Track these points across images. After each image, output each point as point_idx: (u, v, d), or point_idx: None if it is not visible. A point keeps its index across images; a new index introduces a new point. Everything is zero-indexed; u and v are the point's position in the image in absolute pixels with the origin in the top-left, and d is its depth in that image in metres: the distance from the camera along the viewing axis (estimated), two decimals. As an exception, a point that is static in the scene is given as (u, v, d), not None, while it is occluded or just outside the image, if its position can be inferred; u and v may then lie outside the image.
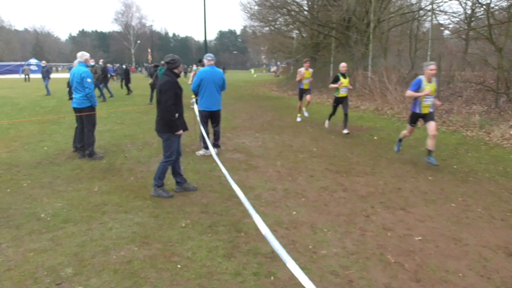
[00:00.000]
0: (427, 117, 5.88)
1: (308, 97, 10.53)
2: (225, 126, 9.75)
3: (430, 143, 5.79)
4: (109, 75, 18.60)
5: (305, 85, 10.40)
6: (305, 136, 8.64)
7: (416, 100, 5.88)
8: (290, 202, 4.45)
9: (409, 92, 5.80)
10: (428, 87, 5.69)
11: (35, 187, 4.90)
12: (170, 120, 4.43)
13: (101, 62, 18.77)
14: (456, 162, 6.31)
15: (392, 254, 3.26)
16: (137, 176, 5.46)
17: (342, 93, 8.47)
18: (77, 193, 4.69)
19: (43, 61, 22.17)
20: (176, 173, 4.80)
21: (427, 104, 5.81)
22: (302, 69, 10.31)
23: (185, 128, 4.67)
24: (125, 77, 20.15)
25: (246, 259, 3.15)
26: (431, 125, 5.78)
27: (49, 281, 2.79)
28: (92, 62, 15.86)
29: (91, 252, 3.23)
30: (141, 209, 4.21)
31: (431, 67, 5.67)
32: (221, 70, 6.86)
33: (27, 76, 32.08)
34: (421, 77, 5.77)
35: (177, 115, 4.49)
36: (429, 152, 5.84)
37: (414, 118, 6.05)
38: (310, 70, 10.42)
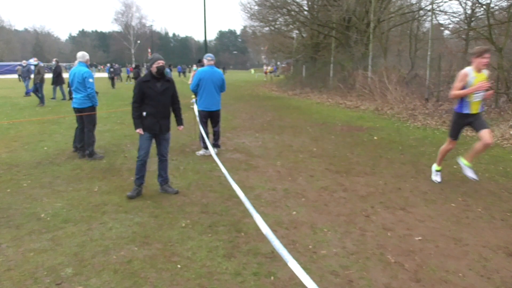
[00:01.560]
0: None
1: (485, 135, 4.69)
2: (225, 126, 9.74)
3: None
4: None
5: (474, 105, 4.76)
6: (305, 136, 8.64)
7: None
8: (290, 202, 4.45)
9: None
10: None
11: (35, 187, 4.90)
12: (132, 118, 4.56)
13: (54, 61, 17.11)
14: (456, 162, 6.30)
15: (392, 254, 3.26)
16: (137, 176, 5.46)
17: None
18: (77, 193, 4.69)
19: (24, 61, 20.92)
20: (158, 174, 4.82)
21: None
22: (469, 69, 4.72)
23: (151, 129, 4.55)
24: None
25: (246, 259, 3.15)
26: None
27: (49, 281, 2.79)
28: (35, 61, 15.15)
29: (91, 252, 3.23)
30: (141, 209, 4.21)
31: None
32: (220, 71, 6.85)
33: (20, 76, 31.98)
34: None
35: (144, 113, 4.50)
36: None
37: None
38: (485, 72, 4.77)
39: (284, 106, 15.27)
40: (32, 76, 17.74)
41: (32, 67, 16.66)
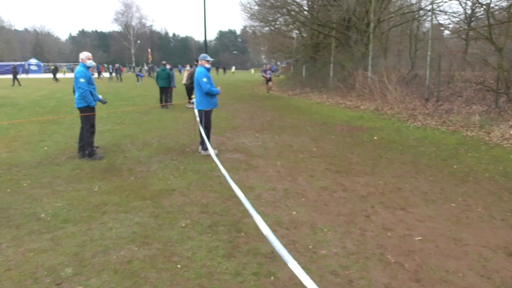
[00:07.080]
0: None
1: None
2: (225, 126, 9.75)
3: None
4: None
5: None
6: (305, 136, 8.64)
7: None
8: (290, 202, 4.45)
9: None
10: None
11: (35, 187, 4.90)
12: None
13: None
14: (456, 162, 6.31)
15: (392, 254, 3.26)
16: (137, 176, 5.46)
17: None
18: (77, 193, 4.69)
19: None
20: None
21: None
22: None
23: None
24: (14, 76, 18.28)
25: (246, 259, 3.15)
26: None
27: (49, 281, 2.79)
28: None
29: (91, 252, 3.23)
30: (141, 209, 4.21)
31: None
32: (201, 70, 6.55)
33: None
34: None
35: None
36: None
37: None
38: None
39: (284, 106, 15.27)
40: None
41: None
